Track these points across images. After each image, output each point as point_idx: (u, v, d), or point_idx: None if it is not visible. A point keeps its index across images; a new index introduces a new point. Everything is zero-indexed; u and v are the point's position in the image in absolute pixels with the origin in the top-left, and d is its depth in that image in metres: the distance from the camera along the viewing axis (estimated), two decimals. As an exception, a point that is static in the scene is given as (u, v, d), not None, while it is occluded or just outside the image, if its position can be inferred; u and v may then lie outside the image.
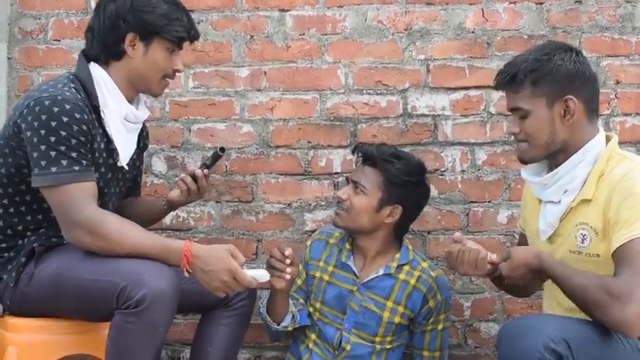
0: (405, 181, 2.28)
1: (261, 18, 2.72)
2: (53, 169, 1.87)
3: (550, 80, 1.88)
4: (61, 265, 1.92)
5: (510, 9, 2.65)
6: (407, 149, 2.52)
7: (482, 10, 2.66)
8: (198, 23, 2.69)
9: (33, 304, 1.97)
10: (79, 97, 1.95)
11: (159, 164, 2.73)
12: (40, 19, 2.77)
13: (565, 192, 1.90)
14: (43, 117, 1.88)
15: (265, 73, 2.71)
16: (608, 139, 1.95)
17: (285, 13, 2.71)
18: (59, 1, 2.77)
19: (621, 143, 2.57)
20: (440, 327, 2.30)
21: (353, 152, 2.42)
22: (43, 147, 1.87)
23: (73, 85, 1.97)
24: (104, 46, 2.04)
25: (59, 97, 1.89)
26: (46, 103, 1.89)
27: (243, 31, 2.71)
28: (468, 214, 2.65)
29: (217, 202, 2.70)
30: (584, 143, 1.90)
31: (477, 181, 2.65)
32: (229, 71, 2.72)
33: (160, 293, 1.77)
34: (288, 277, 2.10)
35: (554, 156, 1.94)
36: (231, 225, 2.70)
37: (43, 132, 1.87)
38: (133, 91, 2.09)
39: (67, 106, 1.89)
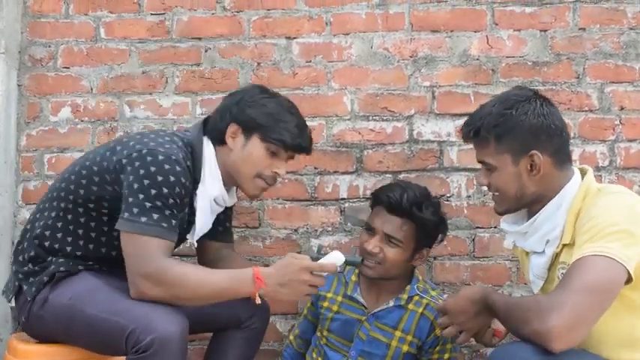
0: (435, 228, 2.28)
1: (268, 45, 2.75)
2: (143, 220, 1.88)
3: (513, 136, 1.85)
4: (75, 296, 1.93)
5: (515, 36, 2.68)
6: (413, 175, 2.52)
7: (487, 37, 2.69)
8: (206, 51, 2.74)
9: (45, 329, 1.98)
10: (187, 164, 1.99)
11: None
12: (49, 46, 2.81)
13: (547, 242, 1.86)
14: (152, 169, 1.90)
15: (272, 99, 2.73)
16: (583, 172, 1.91)
17: (292, 41, 2.74)
18: (69, 29, 2.81)
19: (626, 169, 2.61)
20: (446, 357, 2.27)
21: (372, 198, 2.32)
22: (141, 196, 1.89)
23: (185, 151, 2.01)
24: (214, 130, 2.09)
25: (173, 157, 1.93)
26: (160, 157, 1.92)
27: (250, 58, 2.74)
28: (474, 240, 2.65)
29: (224, 227, 2.71)
30: (559, 190, 1.86)
31: (482, 207, 2.65)
32: (236, 98, 2.74)
33: (168, 338, 1.77)
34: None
35: (530, 206, 1.92)
36: (238, 250, 2.67)
37: (146, 182, 1.89)
38: (229, 179, 2.12)
39: (178, 169, 1.93)
